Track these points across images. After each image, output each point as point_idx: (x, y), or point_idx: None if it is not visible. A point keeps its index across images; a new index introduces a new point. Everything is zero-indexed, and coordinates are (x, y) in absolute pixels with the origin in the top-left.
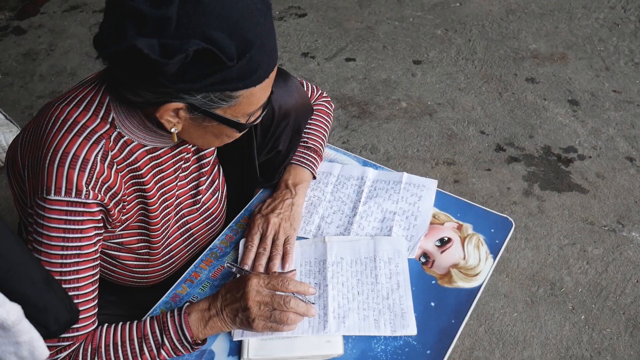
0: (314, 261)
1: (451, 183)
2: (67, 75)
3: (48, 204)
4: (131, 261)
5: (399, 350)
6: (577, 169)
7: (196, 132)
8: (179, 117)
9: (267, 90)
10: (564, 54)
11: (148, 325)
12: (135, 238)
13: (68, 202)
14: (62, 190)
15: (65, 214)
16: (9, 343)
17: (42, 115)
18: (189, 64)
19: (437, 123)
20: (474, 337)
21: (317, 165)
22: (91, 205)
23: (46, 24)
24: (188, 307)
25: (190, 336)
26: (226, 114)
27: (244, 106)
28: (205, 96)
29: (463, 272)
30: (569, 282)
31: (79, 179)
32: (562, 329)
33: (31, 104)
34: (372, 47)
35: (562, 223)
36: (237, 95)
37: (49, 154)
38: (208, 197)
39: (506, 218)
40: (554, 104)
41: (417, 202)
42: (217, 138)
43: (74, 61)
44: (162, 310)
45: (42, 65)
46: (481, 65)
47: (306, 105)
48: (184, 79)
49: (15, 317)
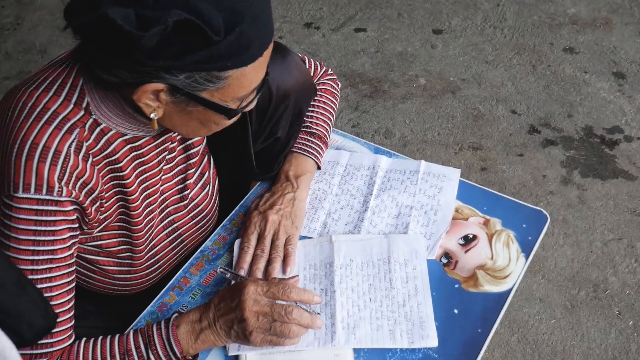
0: (319, 264)
1: (477, 171)
2: (36, 52)
3: (16, 203)
4: (111, 266)
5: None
6: (623, 152)
7: (179, 119)
8: (160, 100)
9: (261, 71)
10: (608, 19)
11: (132, 339)
12: (115, 240)
13: (38, 200)
14: (31, 186)
15: (35, 214)
16: None
17: (7, 101)
18: (168, 38)
19: (460, 102)
20: (505, 348)
21: (322, 153)
22: (64, 204)
23: None
24: (176, 318)
25: (180, 351)
26: (213, 98)
27: (234, 89)
28: (189, 76)
29: (491, 274)
30: (615, 283)
31: (50, 173)
32: (607, 336)
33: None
34: (386, 15)
35: (607, 215)
36: (225, 76)
37: (15, 146)
38: (197, 192)
39: (540, 211)
40: (597, 77)
41: (437, 195)
42: (203, 126)
43: (43, 36)
44: (147, 322)
45: (8, 42)
46: (512, 34)
47: (308, 84)
48: (163, 55)
49: None
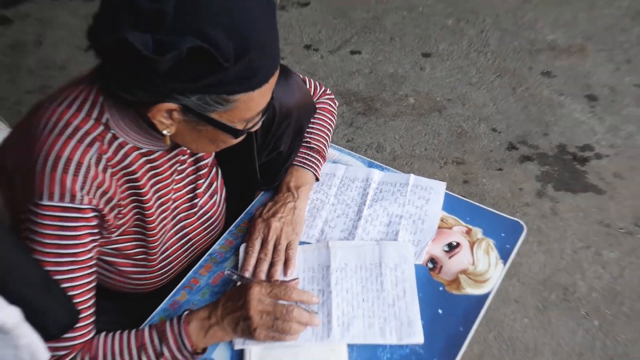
0: (317, 267)
1: (460, 183)
2: (57, 68)
3: (41, 210)
4: (128, 267)
5: (406, 359)
6: (593, 168)
7: (190, 136)
8: (173, 118)
9: (266, 96)
10: (583, 46)
11: (147, 334)
12: (131, 244)
13: (62, 207)
14: (55, 195)
15: (59, 220)
16: (8, 346)
17: (33, 117)
18: (182, 63)
19: (446, 120)
20: (483, 344)
21: (320, 166)
22: (86, 211)
23: (34, 13)
24: (187, 315)
25: (190, 345)
26: (222, 119)
27: (241, 111)
28: (200, 98)
29: (472, 278)
30: (583, 287)
31: (72, 183)
32: (574, 335)
33: (19, 99)
34: (379, 39)
35: (577, 225)
36: (234, 99)
37: (40, 158)
38: (206, 201)
39: (517, 222)
40: (571, 99)
41: (424, 206)
42: (212, 143)
43: (64, 54)
44: (161, 318)
45: (30, 58)
46: (494, 58)
47: (308, 103)
48: (177, 78)
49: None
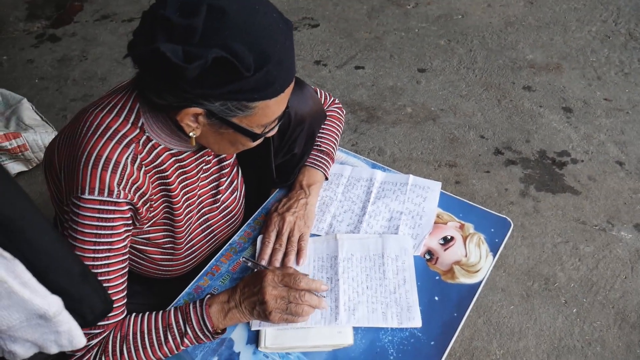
0: (326, 257)
1: (453, 184)
2: (97, 80)
3: (82, 203)
4: (157, 255)
5: (405, 341)
6: (570, 172)
7: (213, 138)
8: (198, 122)
9: (282, 104)
10: (559, 64)
11: (172, 315)
12: (161, 234)
13: (101, 201)
14: (95, 190)
15: (98, 212)
16: (50, 332)
17: (78, 120)
18: (208, 71)
19: (439, 127)
20: (473, 328)
21: (329, 167)
22: (121, 204)
23: (79, 32)
24: (209, 299)
25: (211, 326)
26: (242, 123)
27: (260, 117)
28: (223, 104)
29: (465, 268)
30: (562, 277)
31: (111, 180)
32: (555, 321)
33: (65, 106)
34: (380, 56)
35: (556, 222)
36: (253, 106)
37: (83, 157)
38: (227, 196)
39: (505, 218)
40: (549, 110)
41: (422, 203)
42: (232, 145)
43: (104, 67)
44: (185, 301)
45: (75, 71)
46: (481, 74)
47: (320, 111)
48: (203, 85)
49: (56, 309)
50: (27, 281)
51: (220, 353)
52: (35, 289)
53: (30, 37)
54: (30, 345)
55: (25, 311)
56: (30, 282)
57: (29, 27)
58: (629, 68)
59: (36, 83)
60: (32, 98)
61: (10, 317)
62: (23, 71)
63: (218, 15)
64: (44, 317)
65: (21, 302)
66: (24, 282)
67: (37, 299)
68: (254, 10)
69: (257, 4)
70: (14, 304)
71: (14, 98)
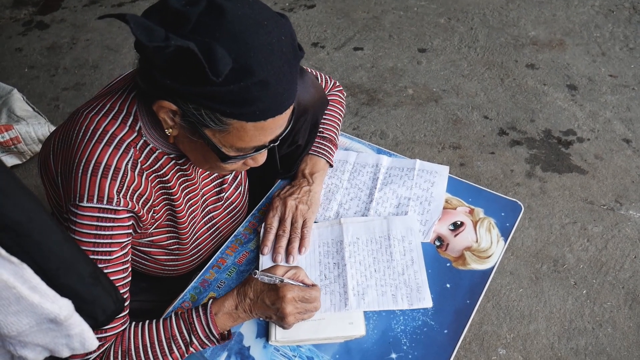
0: (331, 242)
1: (457, 166)
2: (89, 67)
3: (81, 210)
4: (162, 256)
5: (418, 330)
6: (576, 151)
7: (188, 145)
8: (175, 121)
9: (263, 134)
10: (562, 41)
11: (175, 325)
12: (165, 236)
13: (100, 208)
14: (94, 197)
15: (96, 220)
16: (61, 336)
17: (72, 123)
18: (175, 61)
19: (442, 109)
20: (482, 313)
21: (333, 153)
22: (121, 212)
23: (68, 18)
24: (213, 305)
25: (218, 333)
26: (214, 138)
27: (233, 138)
28: (196, 109)
29: (476, 254)
30: (571, 258)
31: (110, 187)
32: (565, 303)
33: (57, 95)
34: (379, 37)
35: (563, 203)
36: (227, 122)
37: (81, 164)
38: (231, 193)
39: (515, 202)
40: (554, 89)
41: (430, 188)
42: (205, 161)
43: (95, 54)
44: (192, 295)
45: (66, 58)
46: (483, 53)
47: (322, 98)
48: (170, 76)
49: (67, 312)
50: (36, 285)
51: (230, 348)
52: (45, 293)
53: (17, 24)
54: (41, 350)
55: (35, 316)
56: (39, 287)
57: (16, 14)
58: (634, 43)
59: (26, 72)
60: (22, 88)
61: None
62: (12, 60)
63: (215, 12)
64: (54, 321)
65: (31, 307)
66: (33, 286)
67: (47, 303)
68: (259, 24)
69: (266, 21)
70: (23, 309)
71: (4, 89)
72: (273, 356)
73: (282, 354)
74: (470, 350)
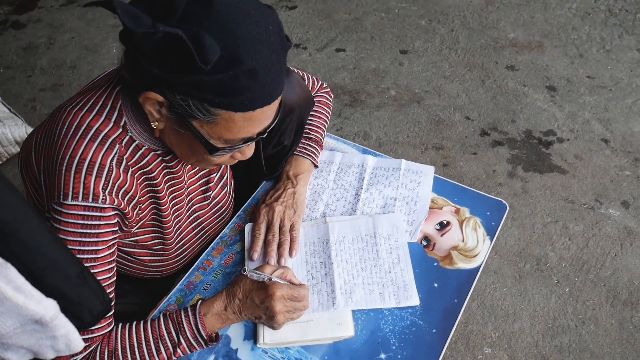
0: (317, 241)
1: (440, 167)
2: (67, 68)
3: (65, 209)
4: (146, 257)
5: (407, 330)
6: (556, 151)
7: (175, 138)
8: (161, 114)
9: (252, 125)
10: (541, 43)
11: (163, 325)
12: (149, 236)
13: (85, 206)
14: (79, 195)
15: (82, 219)
16: (47, 337)
17: (55, 119)
18: (163, 48)
19: (425, 110)
20: (467, 312)
21: (318, 154)
22: (107, 210)
23: (44, 18)
24: (202, 306)
25: (206, 334)
26: (202, 130)
27: (221, 129)
28: (184, 99)
29: (463, 253)
30: (553, 257)
31: (95, 184)
32: (548, 301)
33: (34, 96)
34: (361, 38)
35: (545, 202)
36: (215, 112)
37: (65, 161)
38: (217, 192)
39: (500, 201)
40: (533, 90)
41: (416, 188)
42: (192, 154)
43: (73, 54)
44: (177, 298)
45: (43, 59)
46: (464, 54)
47: (308, 99)
48: (158, 64)
49: (52, 313)
50: (20, 286)
51: (217, 351)
52: (29, 294)
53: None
54: (24, 352)
55: (19, 317)
56: (24, 287)
57: None
58: (610, 45)
59: (1, 73)
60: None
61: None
62: None
63: (203, 2)
64: (39, 322)
65: (15, 307)
66: (17, 286)
67: (32, 303)
68: (246, 14)
69: (254, 10)
70: (7, 311)
71: None
72: (261, 359)
73: (270, 356)
74: (456, 350)
